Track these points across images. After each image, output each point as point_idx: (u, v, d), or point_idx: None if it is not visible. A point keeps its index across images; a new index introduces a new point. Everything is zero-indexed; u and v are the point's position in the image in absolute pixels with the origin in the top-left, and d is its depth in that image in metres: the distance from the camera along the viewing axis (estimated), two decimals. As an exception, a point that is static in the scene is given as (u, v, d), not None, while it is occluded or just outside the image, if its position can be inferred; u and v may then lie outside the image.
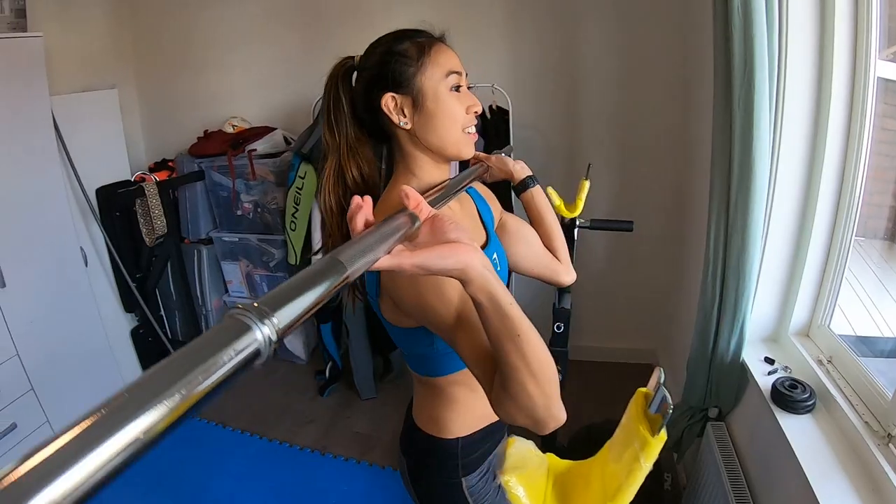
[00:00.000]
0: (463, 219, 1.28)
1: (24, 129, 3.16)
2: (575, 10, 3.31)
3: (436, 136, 1.17)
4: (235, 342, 0.45)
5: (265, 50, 3.93)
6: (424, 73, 1.14)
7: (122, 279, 3.89)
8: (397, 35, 1.18)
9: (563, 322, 2.36)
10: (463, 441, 1.32)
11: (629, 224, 2.25)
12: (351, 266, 0.62)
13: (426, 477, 1.40)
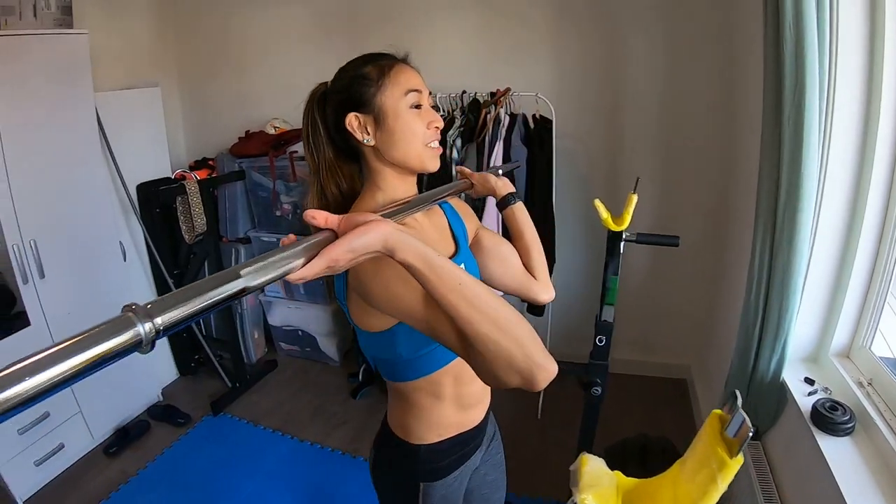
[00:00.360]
0: (429, 230, 1.34)
1: (69, 124, 3.21)
2: (619, 21, 3.26)
3: (398, 151, 1.22)
4: (120, 335, 0.59)
5: (308, 52, 3.92)
6: (384, 93, 1.19)
7: (159, 275, 3.94)
8: (361, 59, 1.24)
9: (605, 335, 2.30)
10: (426, 448, 1.36)
11: (675, 239, 2.20)
12: (250, 279, 0.72)
13: (387, 475, 1.46)
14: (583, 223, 3.59)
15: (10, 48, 2.88)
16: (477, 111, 3.23)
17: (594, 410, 2.44)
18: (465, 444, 1.42)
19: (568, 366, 2.57)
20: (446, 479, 1.40)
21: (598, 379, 2.37)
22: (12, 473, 3.06)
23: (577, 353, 3.49)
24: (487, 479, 1.60)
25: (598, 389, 2.37)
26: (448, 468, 1.40)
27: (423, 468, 1.38)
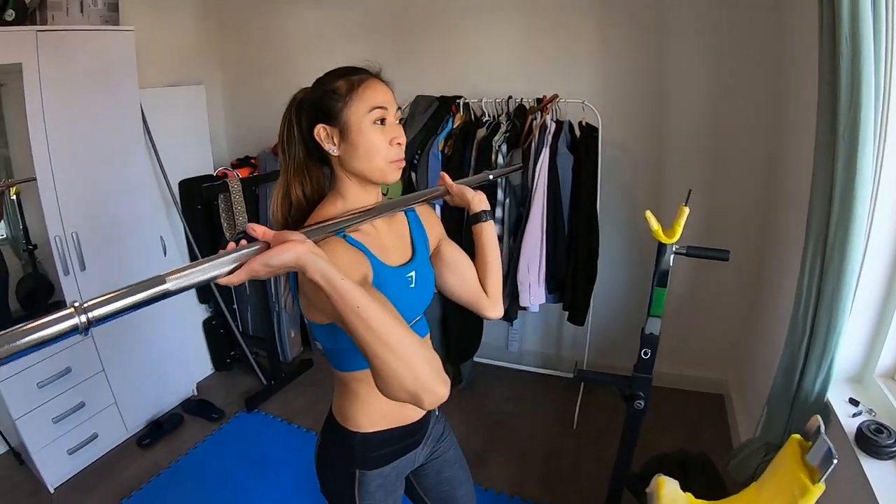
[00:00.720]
0: (386, 236, 1.40)
1: (114, 119, 3.22)
2: (666, 29, 3.18)
3: (360, 163, 1.29)
4: (60, 324, 0.74)
5: (352, 53, 3.70)
6: (350, 109, 1.26)
7: (199, 270, 3.97)
8: (336, 73, 1.31)
9: (650, 348, 2.25)
10: (362, 436, 1.41)
11: (725, 253, 2.14)
12: (173, 283, 0.87)
13: (327, 458, 1.50)
14: (625, 232, 3.52)
15: (57, 43, 2.88)
16: (523, 117, 3.17)
17: (636, 424, 2.38)
18: (401, 438, 1.46)
19: (606, 377, 2.54)
20: (382, 469, 1.45)
21: (641, 392, 2.31)
22: (45, 460, 3.07)
23: (616, 364, 3.45)
24: (444, 476, 1.65)
25: (640, 403, 2.32)
26: (383, 458, 1.44)
27: (359, 455, 1.42)
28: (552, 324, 3.88)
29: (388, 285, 1.26)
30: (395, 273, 1.34)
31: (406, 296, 1.36)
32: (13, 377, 2.91)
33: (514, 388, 3.81)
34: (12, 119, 2.97)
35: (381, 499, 1.47)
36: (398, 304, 1.18)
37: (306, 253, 0.97)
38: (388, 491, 1.49)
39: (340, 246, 1.22)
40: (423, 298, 1.44)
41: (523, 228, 3.06)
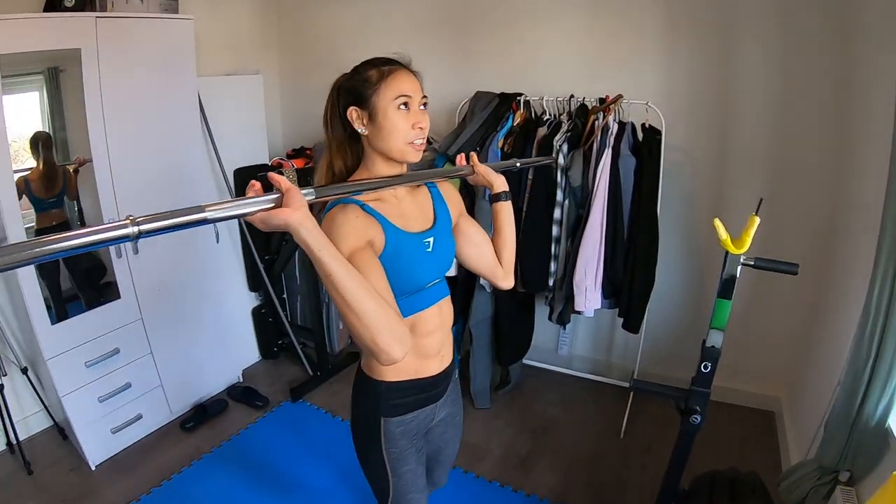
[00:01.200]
0: (408, 204, 1.54)
1: (172, 106, 3.22)
2: (733, 31, 3.02)
3: (383, 143, 1.43)
4: (117, 231, 0.89)
5: (411, 51, 3.77)
6: (378, 95, 1.40)
7: (250, 259, 3.90)
8: (369, 62, 1.46)
9: (710, 362, 2.11)
10: (387, 385, 1.55)
11: (794, 267, 2.03)
12: (210, 213, 1.00)
13: (357, 406, 1.64)
14: (682, 239, 3.37)
15: (117, 30, 2.87)
16: (584, 117, 3.04)
17: (690, 439, 2.24)
18: (421, 389, 1.61)
19: (662, 389, 2.45)
20: (404, 417, 1.59)
21: (698, 407, 2.18)
22: (89, 438, 3.08)
23: (668, 374, 3.34)
24: (445, 437, 1.83)
25: (697, 418, 2.18)
26: (405, 407, 1.59)
27: (384, 403, 1.57)
28: (604, 329, 3.74)
29: (404, 248, 1.44)
30: (413, 238, 1.48)
31: (423, 258, 1.50)
32: (62, 355, 2.92)
33: (562, 392, 3.68)
34: (70, 104, 2.93)
35: (404, 446, 1.62)
36: (415, 265, 1.47)
37: (296, 221, 1.07)
38: (410, 439, 1.63)
39: (353, 211, 1.36)
40: (440, 263, 1.58)
41: (582, 231, 2.93)
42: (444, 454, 1.90)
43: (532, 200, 3.03)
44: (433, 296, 1.57)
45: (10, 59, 2.51)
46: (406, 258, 1.43)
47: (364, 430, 1.63)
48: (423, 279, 1.52)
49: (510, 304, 3.29)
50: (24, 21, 2.58)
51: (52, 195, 2.98)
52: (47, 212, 2.97)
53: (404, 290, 1.45)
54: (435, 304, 1.58)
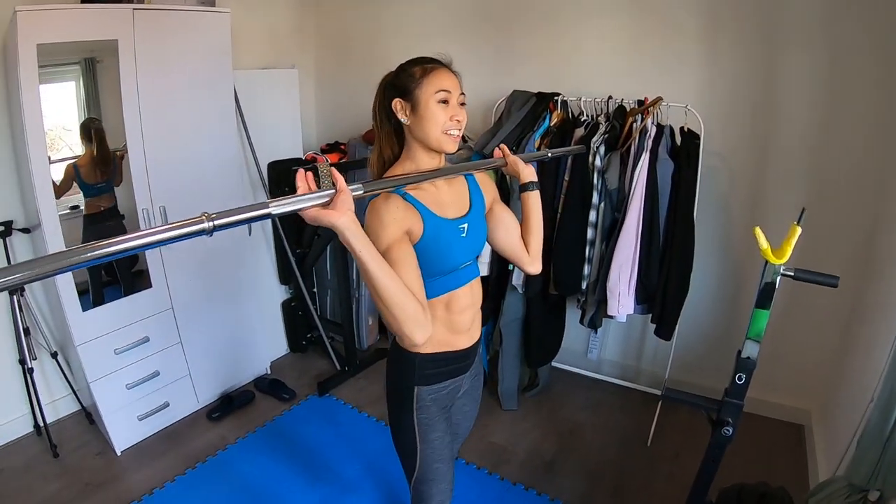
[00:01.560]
0: (445, 192, 1.64)
1: (207, 98, 3.20)
2: (776, 34, 2.91)
3: (423, 132, 1.53)
4: (194, 226, 0.99)
5: (447, 48, 3.67)
6: (421, 89, 1.51)
7: (282, 252, 3.89)
8: (414, 60, 1.57)
9: (745, 374, 2.04)
10: (421, 357, 1.64)
11: (834, 280, 1.95)
12: (274, 208, 1.14)
13: (392, 375, 1.74)
14: (716, 246, 3.27)
15: (155, 22, 2.88)
16: (622, 118, 2.95)
17: (720, 451, 2.16)
18: (452, 361, 1.70)
19: (695, 398, 2.38)
20: (436, 386, 1.68)
21: (730, 419, 2.10)
22: (116, 424, 3.09)
23: (698, 383, 3.26)
24: (464, 410, 1.91)
25: (729, 430, 2.11)
26: (437, 377, 1.68)
27: (418, 373, 1.65)
28: (634, 334, 3.65)
29: (441, 234, 1.53)
30: (449, 224, 1.58)
31: (458, 243, 1.60)
32: (92, 342, 2.92)
33: (589, 396, 3.60)
34: (106, 95, 2.94)
35: (435, 413, 1.70)
36: (450, 248, 1.57)
37: (342, 224, 1.22)
38: (440, 407, 1.72)
39: (395, 202, 1.47)
40: (473, 246, 1.69)
41: (617, 235, 2.85)
42: (462, 427, 1.96)
43: (568, 202, 2.95)
44: (466, 276, 1.67)
45: (47, 48, 2.51)
46: (443, 242, 1.54)
47: (398, 398, 1.71)
48: (457, 261, 1.61)
49: (541, 305, 3.22)
50: (63, 12, 2.58)
51: (101, 181, 3.01)
52: (96, 197, 2.99)
53: (440, 270, 1.56)
54: (467, 284, 1.67)
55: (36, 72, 2.51)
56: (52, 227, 2.72)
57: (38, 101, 2.55)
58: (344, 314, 3.82)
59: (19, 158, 2.92)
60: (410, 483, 1.82)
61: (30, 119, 2.54)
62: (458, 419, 1.91)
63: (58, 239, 2.74)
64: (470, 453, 3.07)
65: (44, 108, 2.57)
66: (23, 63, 2.47)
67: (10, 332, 3.11)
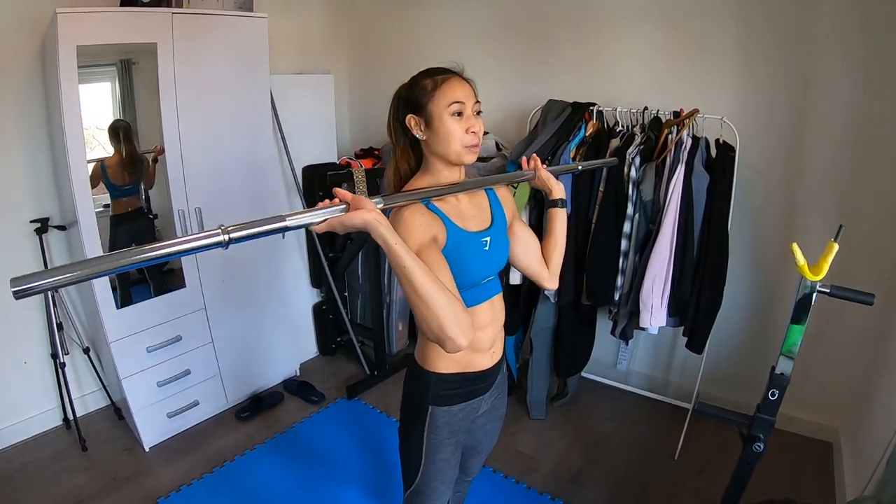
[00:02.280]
0: (466, 206, 1.60)
1: (244, 102, 3.19)
2: (813, 45, 2.84)
3: (440, 147, 1.48)
4: (210, 239, 1.01)
5: (481, 56, 3.70)
6: (433, 102, 1.45)
7: (314, 256, 3.88)
8: (425, 72, 1.51)
9: (778, 390, 2.05)
10: (437, 376, 1.59)
11: (870, 297, 1.89)
12: (290, 221, 1.13)
13: (408, 390, 1.68)
14: (748, 258, 3.21)
15: (193, 26, 2.88)
16: (657, 130, 2.90)
17: (750, 467, 2.14)
18: (471, 382, 1.64)
19: (727, 414, 2.34)
20: (451, 408, 1.62)
21: (761, 434, 2.08)
22: (145, 420, 3.10)
23: (725, 397, 3.21)
24: (486, 428, 1.85)
25: (760, 446, 2.08)
26: (453, 399, 1.62)
27: (433, 393, 1.59)
28: (663, 346, 3.58)
29: (463, 246, 1.48)
30: (471, 237, 1.53)
31: (480, 256, 1.54)
32: (125, 339, 2.93)
33: (616, 408, 3.54)
34: (141, 96, 2.96)
35: (445, 436, 1.63)
36: (472, 262, 1.51)
37: (372, 220, 1.19)
38: (452, 431, 1.65)
39: (419, 210, 1.42)
40: (496, 261, 1.62)
41: (651, 246, 2.80)
42: (483, 444, 1.92)
43: (602, 213, 2.91)
44: (487, 291, 1.61)
45: (85, 49, 2.52)
46: (465, 255, 1.48)
47: (410, 412, 1.66)
48: (478, 275, 1.55)
49: (572, 315, 3.17)
50: (103, 14, 2.59)
51: (128, 182, 3.00)
52: (123, 198, 2.98)
53: (460, 284, 1.46)
54: (488, 300, 1.61)
55: (75, 72, 2.51)
56: (89, 225, 2.72)
57: (77, 101, 2.56)
58: (375, 319, 3.79)
59: (56, 156, 2.95)
60: (406, 491, 1.78)
61: (69, 119, 2.55)
62: (480, 436, 1.87)
63: (94, 237, 2.74)
64: (497, 461, 3.02)
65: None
66: (63, 64, 2.47)
67: (43, 327, 3.14)
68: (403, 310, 4.11)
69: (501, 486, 2.89)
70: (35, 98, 2.94)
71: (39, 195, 3.04)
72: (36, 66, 2.91)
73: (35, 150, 2.99)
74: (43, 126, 2.98)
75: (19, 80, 2.88)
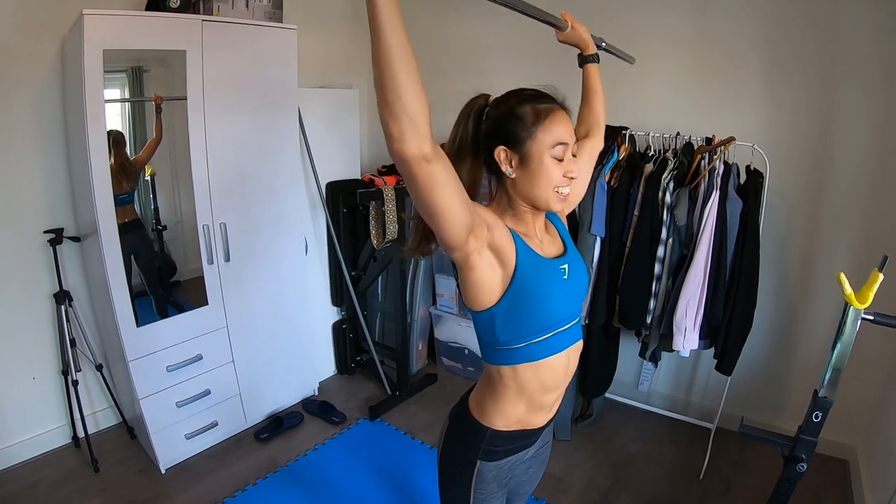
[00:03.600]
0: (545, 237, 1.41)
1: (271, 114, 3.10)
2: (839, 75, 2.86)
3: (531, 190, 1.29)
4: None
5: (509, 69, 3.66)
6: (535, 139, 1.25)
7: (336, 273, 3.77)
8: (524, 96, 1.30)
9: (822, 412, 2.10)
10: (492, 432, 1.43)
11: None
12: None
13: (453, 444, 1.52)
14: (772, 282, 3.20)
15: (223, 34, 2.80)
16: (690, 155, 2.89)
17: (791, 486, 2.15)
18: (524, 438, 1.48)
19: (770, 435, 2.34)
20: (500, 462, 1.47)
21: (804, 455, 2.11)
22: (163, 442, 2.94)
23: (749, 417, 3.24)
24: (529, 472, 1.68)
25: (804, 466, 2.10)
26: (504, 454, 1.47)
27: (486, 448, 1.44)
28: (686, 367, 3.56)
29: (539, 271, 1.28)
30: (549, 263, 1.33)
31: (561, 287, 1.34)
32: (144, 358, 2.80)
33: (640, 428, 3.50)
34: (151, 105, 2.89)
35: (493, 490, 1.50)
36: (550, 294, 1.30)
37: None
38: (500, 484, 1.52)
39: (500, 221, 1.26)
40: (578, 291, 1.42)
41: (685, 271, 2.77)
42: (526, 487, 1.77)
43: (636, 237, 2.87)
44: (568, 339, 1.39)
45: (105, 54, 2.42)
46: (542, 283, 1.28)
47: (456, 468, 1.51)
48: (559, 312, 1.34)
49: (602, 337, 3.15)
50: (131, 18, 2.50)
51: (123, 191, 2.85)
52: (119, 208, 2.85)
53: (539, 325, 1.31)
54: (564, 351, 1.39)
55: (101, 77, 2.41)
56: (110, 236, 2.60)
57: (102, 107, 2.46)
58: (399, 338, 3.69)
59: (73, 164, 2.82)
60: None
61: (93, 125, 2.44)
62: (523, 481, 1.70)
63: (115, 248, 2.63)
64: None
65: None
66: (88, 68, 2.36)
67: (53, 342, 3.00)
68: (424, 329, 4.03)
69: (533, 509, 2.84)
70: (52, 104, 2.82)
71: (54, 205, 2.92)
72: (54, 71, 2.79)
73: (51, 158, 2.88)
74: (59, 133, 2.86)
75: (35, 86, 2.76)
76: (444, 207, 1.04)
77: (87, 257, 2.95)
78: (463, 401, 1.54)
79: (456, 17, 3.85)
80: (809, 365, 3.12)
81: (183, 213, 3.05)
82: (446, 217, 1.06)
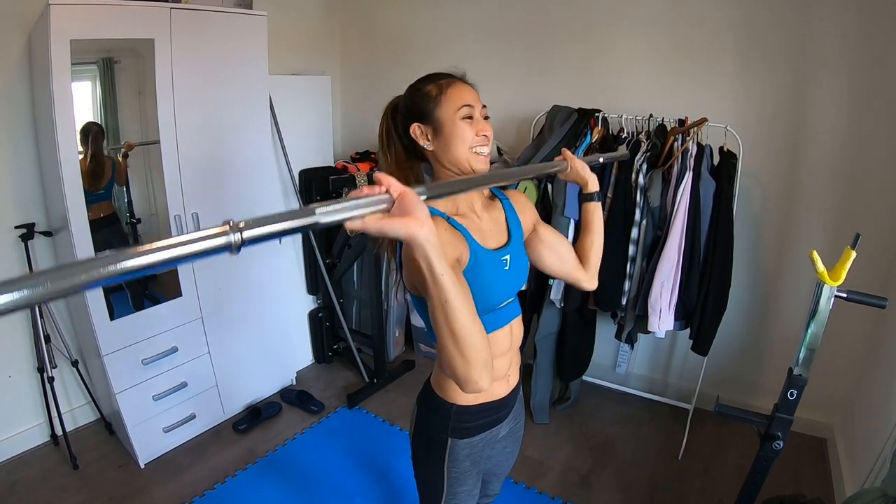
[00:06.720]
0: (485, 221, 1.42)
1: (242, 102, 3.00)
2: (812, 57, 2.79)
3: (451, 154, 1.33)
4: (217, 239, 0.67)
5: (480, 60, 3.53)
6: (441, 107, 1.31)
7: (312, 261, 3.69)
8: (426, 78, 1.36)
9: (797, 390, 2.06)
10: (457, 408, 1.44)
11: (883, 301, 1.92)
12: (322, 215, 0.78)
13: (424, 427, 1.51)
14: (746, 262, 3.14)
15: (192, 22, 2.68)
16: (663, 137, 2.82)
17: (768, 464, 2.14)
18: (490, 412, 1.48)
19: (745, 414, 2.28)
20: (472, 439, 1.48)
21: (780, 433, 2.08)
22: (141, 436, 2.86)
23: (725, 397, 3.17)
24: (506, 452, 1.70)
25: (780, 444, 2.08)
26: (474, 430, 1.47)
27: (453, 425, 1.45)
28: (662, 349, 3.51)
29: (484, 266, 1.30)
30: (492, 256, 1.35)
31: (501, 277, 1.37)
32: (119, 351, 2.70)
33: (618, 410, 3.45)
34: (123, 97, 2.76)
35: (467, 468, 1.50)
36: (494, 284, 1.33)
37: (424, 236, 0.92)
38: (474, 462, 1.52)
39: (442, 225, 1.25)
40: (516, 281, 1.44)
41: (659, 252, 2.72)
42: (502, 467, 1.78)
43: (610, 219, 2.80)
44: (506, 315, 1.44)
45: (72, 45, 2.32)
46: (485, 276, 1.31)
47: (428, 447, 1.51)
48: (498, 298, 1.38)
49: (578, 320, 3.08)
50: (99, 7, 2.38)
51: (99, 187, 2.76)
52: (94, 203, 2.74)
53: (479, 309, 1.22)
54: (507, 325, 1.44)
55: (69, 68, 2.32)
56: (81, 230, 2.50)
57: (70, 98, 2.37)
58: (375, 325, 3.61)
59: (43, 158, 2.71)
60: None
61: (61, 117, 2.35)
62: (499, 460, 1.72)
63: (87, 242, 2.53)
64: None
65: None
66: (55, 59, 2.27)
67: (27, 339, 2.90)
68: (400, 315, 3.95)
69: (514, 493, 2.78)
70: (20, 98, 2.70)
71: (24, 200, 2.80)
72: (21, 64, 2.67)
73: (20, 152, 2.75)
74: (28, 127, 2.74)
75: (2, 80, 2.64)
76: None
77: (60, 252, 2.85)
78: (426, 384, 1.54)
79: (431, 3, 3.76)
80: (785, 344, 3.06)
81: (157, 205, 2.94)
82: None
